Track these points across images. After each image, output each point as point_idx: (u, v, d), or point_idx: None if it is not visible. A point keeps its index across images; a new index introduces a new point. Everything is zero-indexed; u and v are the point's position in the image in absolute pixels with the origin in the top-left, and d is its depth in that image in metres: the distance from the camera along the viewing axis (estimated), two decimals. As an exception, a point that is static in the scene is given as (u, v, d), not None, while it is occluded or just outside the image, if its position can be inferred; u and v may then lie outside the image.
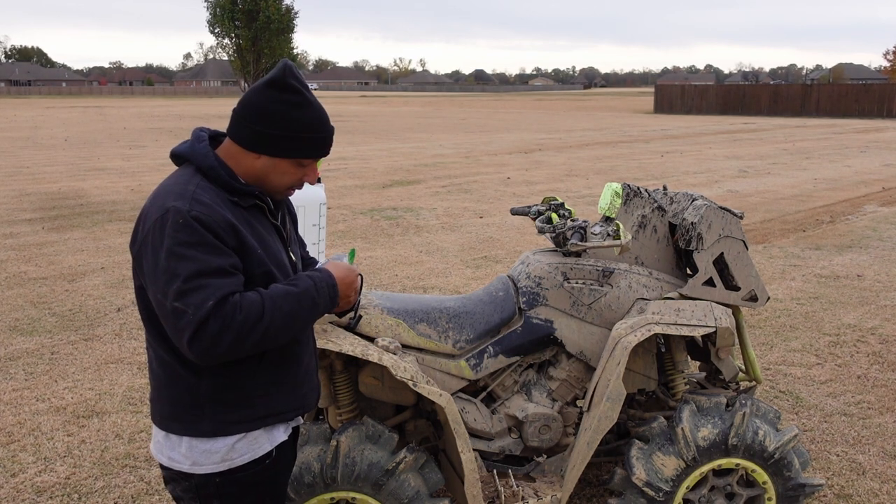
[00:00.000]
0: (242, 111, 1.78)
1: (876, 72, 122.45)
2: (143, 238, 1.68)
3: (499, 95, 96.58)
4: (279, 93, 1.76)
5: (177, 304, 1.60)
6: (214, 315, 1.60)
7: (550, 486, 2.80)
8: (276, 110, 1.75)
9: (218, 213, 1.69)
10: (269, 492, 1.92)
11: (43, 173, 14.67)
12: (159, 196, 1.72)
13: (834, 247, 8.26)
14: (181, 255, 1.62)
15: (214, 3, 29.55)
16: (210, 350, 1.62)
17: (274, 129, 1.75)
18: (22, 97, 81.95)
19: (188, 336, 1.60)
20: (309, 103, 1.79)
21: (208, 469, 1.81)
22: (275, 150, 1.78)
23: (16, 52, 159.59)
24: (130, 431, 3.97)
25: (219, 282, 1.64)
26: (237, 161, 1.80)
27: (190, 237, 1.63)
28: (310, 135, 1.79)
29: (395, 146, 20.95)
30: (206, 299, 1.60)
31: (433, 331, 2.75)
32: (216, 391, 1.79)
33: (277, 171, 1.81)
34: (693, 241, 2.84)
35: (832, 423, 4.06)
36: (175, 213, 1.65)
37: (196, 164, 1.79)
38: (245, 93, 1.84)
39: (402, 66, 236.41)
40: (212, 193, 1.73)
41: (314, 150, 1.81)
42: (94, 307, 6.10)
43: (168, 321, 1.64)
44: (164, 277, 1.62)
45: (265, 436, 1.86)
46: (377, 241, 8.61)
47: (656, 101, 43.83)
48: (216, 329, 1.60)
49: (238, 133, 1.78)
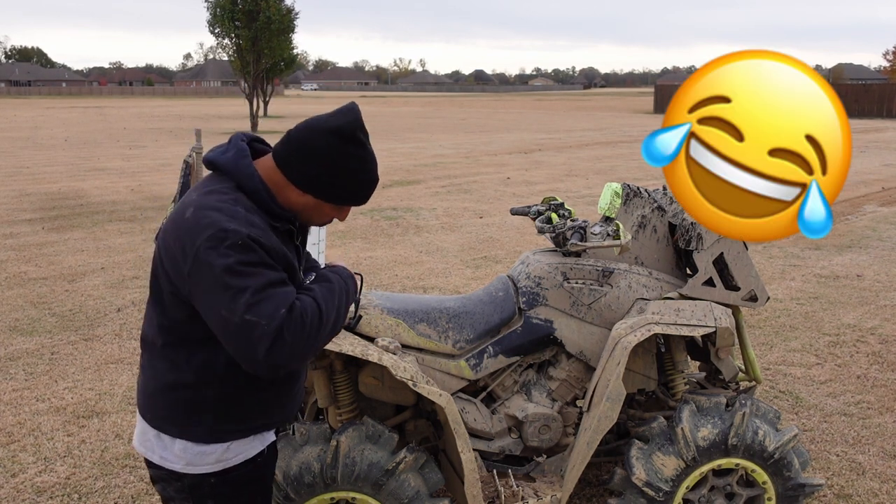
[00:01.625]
0: (301, 148, 1.73)
1: (876, 72, 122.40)
2: (194, 254, 1.64)
3: (499, 95, 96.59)
4: (345, 144, 1.73)
5: (248, 316, 1.59)
6: (287, 324, 1.61)
7: (550, 486, 2.80)
8: (339, 161, 1.73)
9: (272, 238, 1.70)
10: (261, 489, 1.94)
11: (43, 173, 14.67)
12: (205, 212, 1.67)
13: (834, 247, 8.26)
14: (245, 273, 1.61)
15: (214, 3, 29.51)
16: (288, 358, 1.62)
17: (332, 177, 1.74)
18: (22, 97, 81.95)
19: (266, 348, 1.59)
20: (370, 158, 1.78)
21: (203, 469, 1.81)
22: (325, 196, 1.77)
23: (16, 53, 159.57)
24: (130, 431, 3.97)
25: (283, 291, 1.65)
26: (279, 189, 1.77)
27: (252, 257, 1.63)
28: (363, 190, 1.80)
29: (394, 146, 20.95)
30: (278, 308, 1.61)
31: (433, 331, 2.75)
32: (218, 404, 1.79)
33: (319, 211, 1.81)
34: (693, 241, 2.84)
35: (832, 423, 4.06)
36: (234, 235, 1.63)
37: (237, 182, 1.75)
38: (305, 126, 1.77)
39: (402, 66, 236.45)
40: (259, 216, 1.72)
41: (360, 200, 1.82)
42: (94, 307, 6.10)
43: (237, 335, 1.60)
44: (231, 293, 1.60)
45: (257, 437, 1.88)
46: (377, 241, 8.61)
47: (656, 101, 43.83)
48: (291, 337, 1.61)
49: (290, 166, 1.75)
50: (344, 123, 1.74)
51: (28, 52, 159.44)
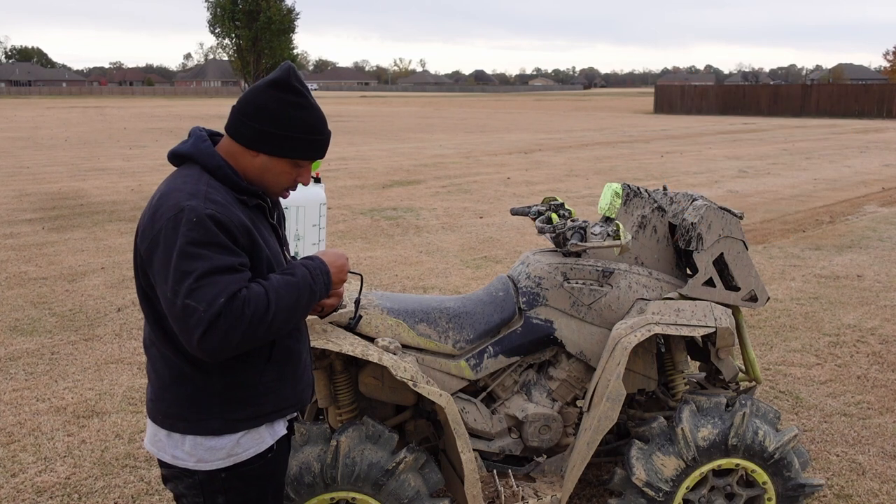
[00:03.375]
0: (244, 109, 1.79)
1: (876, 72, 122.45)
2: (154, 236, 1.67)
3: (499, 96, 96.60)
4: (282, 93, 1.77)
5: (188, 301, 1.60)
6: (225, 312, 1.62)
7: (550, 486, 2.80)
8: (279, 110, 1.77)
9: (233, 213, 1.71)
10: (271, 484, 1.95)
11: (43, 173, 14.68)
12: (170, 195, 1.71)
13: (834, 247, 8.26)
14: (193, 254, 1.63)
15: (215, 3, 29.59)
16: (220, 347, 1.63)
17: (275, 128, 1.77)
18: (22, 97, 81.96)
19: (199, 333, 1.61)
20: (310, 105, 1.81)
21: (214, 465, 1.82)
22: (275, 150, 1.79)
23: (16, 53, 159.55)
24: (130, 431, 3.97)
25: (229, 278, 1.65)
26: (236, 160, 1.81)
27: (202, 236, 1.64)
28: (310, 136, 1.81)
29: (395, 146, 20.95)
30: (218, 296, 1.62)
31: (433, 331, 2.75)
32: (226, 389, 1.80)
33: (274, 171, 1.83)
34: (693, 242, 2.84)
35: (832, 424, 4.06)
36: (190, 212, 1.65)
37: (202, 164, 1.79)
38: (245, 92, 1.84)
39: (402, 66, 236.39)
40: (223, 192, 1.75)
41: (312, 152, 1.84)
42: (95, 307, 6.10)
43: (178, 319, 1.63)
44: (176, 275, 1.62)
45: (267, 430, 1.89)
46: (377, 241, 8.61)
47: (656, 101, 43.82)
48: (226, 326, 1.61)
49: (238, 131, 1.79)
50: (278, 75, 1.79)
51: (28, 52, 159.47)
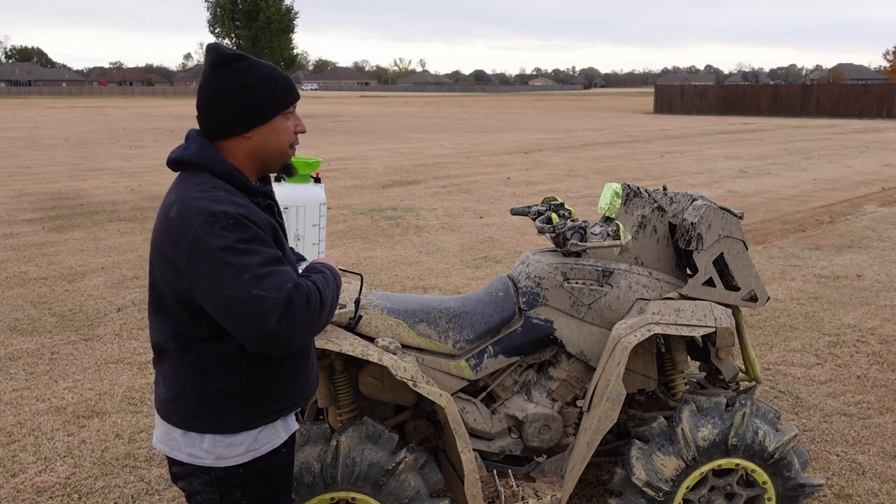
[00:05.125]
0: (211, 104, 1.78)
1: (875, 72, 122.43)
2: (189, 246, 1.64)
3: (499, 96, 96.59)
4: (227, 68, 1.78)
5: (256, 291, 1.59)
6: (296, 297, 1.63)
7: (550, 486, 2.80)
8: (237, 82, 1.77)
9: (259, 214, 1.73)
10: (284, 479, 1.97)
11: (43, 173, 14.67)
12: (190, 203, 1.68)
13: (834, 247, 8.26)
14: (243, 250, 1.62)
15: (214, 3, 29.58)
16: (296, 332, 1.63)
17: (246, 98, 1.77)
18: (22, 97, 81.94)
19: (276, 319, 1.59)
20: (256, 62, 1.82)
21: (232, 461, 1.83)
22: (260, 116, 1.79)
23: (16, 52, 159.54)
24: (130, 431, 3.97)
25: (284, 268, 1.67)
26: (236, 158, 1.81)
27: (246, 233, 1.65)
28: (276, 84, 1.81)
29: (395, 146, 20.95)
30: (284, 283, 1.62)
31: (433, 331, 2.75)
32: (246, 387, 1.81)
33: (273, 133, 1.83)
34: (693, 242, 2.84)
35: (832, 423, 4.06)
36: (223, 215, 1.64)
37: (211, 170, 1.77)
38: (198, 91, 1.84)
39: (402, 66, 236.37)
40: (241, 196, 1.75)
41: (288, 96, 1.84)
42: (95, 307, 6.10)
43: (246, 312, 1.59)
44: (232, 272, 1.60)
45: (282, 425, 1.91)
46: (377, 241, 8.61)
47: (656, 101, 43.82)
48: (299, 311, 1.62)
49: (219, 124, 1.79)
50: (213, 57, 1.79)
51: (28, 52, 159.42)
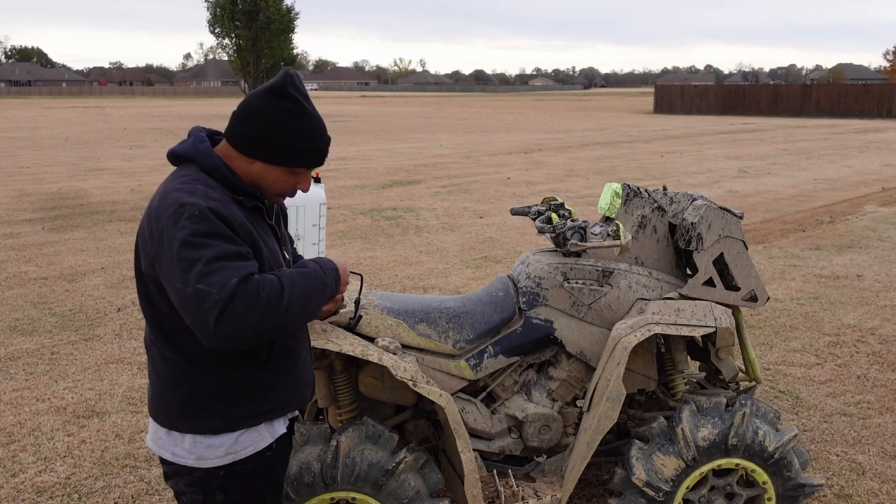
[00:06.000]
0: (241, 115, 1.79)
1: (875, 72, 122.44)
2: (158, 235, 1.67)
3: (499, 96, 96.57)
4: (279, 101, 1.77)
5: (199, 286, 1.59)
6: (240, 293, 1.60)
7: (550, 486, 2.80)
8: (274, 118, 1.76)
9: (232, 209, 1.72)
10: (270, 483, 1.95)
11: (43, 173, 14.67)
12: (168, 194, 1.71)
13: (834, 247, 8.26)
14: (199, 244, 1.62)
15: (214, 3, 29.63)
16: (237, 331, 1.60)
17: (270, 136, 1.76)
18: (22, 97, 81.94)
19: (215, 316, 1.58)
20: (308, 113, 1.80)
21: (213, 463, 1.83)
22: (269, 157, 1.79)
23: (16, 52, 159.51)
24: (130, 431, 3.97)
25: (238, 263, 1.65)
26: (233, 163, 1.82)
27: (206, 227, 1.64)
28: (306, 145, 1.80)
29: (395, 146, 20.95)
30: (230, 277, 1.60)
31: (433, 331, 2.75)
32: (226, 388, 1.80)
33: (270, 177, 1.82)
34: (693, 242, 2.84)
35: (832, 423, 4.06)
36: (191, 206, 1.65)
37: (199, 164, 1.79)
38: (246, 97, 1.84)
39: (401, 66, 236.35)
40: (220, 192, 1.75)
41: (309, 160, 1.83)
42: (94, 307, 6.10)
43: (191, 307, 1.60)
44: (183, 265, 1.61)
45: (266, 429, 1.89)
46: (377, 241, 8.61)
47: (656, 101, 43.82)
48: (242, 307, 1.59)
49: (235, 136, 1.79)
50: (276, 82, 1.79)
51: (28, 52, 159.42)
